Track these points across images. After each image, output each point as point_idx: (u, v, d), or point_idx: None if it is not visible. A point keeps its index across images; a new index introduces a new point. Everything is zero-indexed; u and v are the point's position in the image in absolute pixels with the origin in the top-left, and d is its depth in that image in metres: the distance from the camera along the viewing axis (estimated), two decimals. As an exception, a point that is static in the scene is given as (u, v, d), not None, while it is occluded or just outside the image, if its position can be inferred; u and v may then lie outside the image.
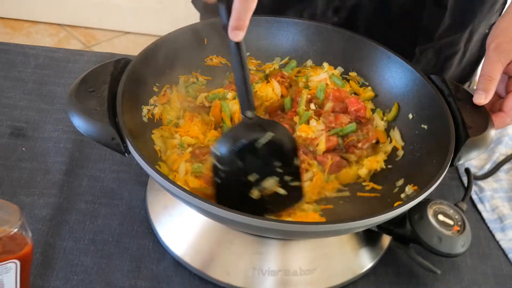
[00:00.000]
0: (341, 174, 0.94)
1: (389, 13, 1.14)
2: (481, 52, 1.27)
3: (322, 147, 0.94)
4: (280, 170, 0.85)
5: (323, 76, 1.03)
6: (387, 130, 1.00)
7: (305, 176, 0.90)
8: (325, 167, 0.93)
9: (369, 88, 1.03)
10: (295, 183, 0.86)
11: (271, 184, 0.84)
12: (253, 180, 0.84)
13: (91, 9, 2.84)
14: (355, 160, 0.96)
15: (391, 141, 0.98)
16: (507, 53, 0.92)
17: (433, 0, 1.13)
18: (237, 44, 0.81)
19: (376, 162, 0.95)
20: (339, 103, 1.00)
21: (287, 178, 0.85)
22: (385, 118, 1.00)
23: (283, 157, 0.85)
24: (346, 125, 0.97)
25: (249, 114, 0.84)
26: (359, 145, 0.96)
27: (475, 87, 0.95)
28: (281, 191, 0.85)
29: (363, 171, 0.94)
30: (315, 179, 0.91)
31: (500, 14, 1.23)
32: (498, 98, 0.96)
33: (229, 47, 0.82)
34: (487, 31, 1.23)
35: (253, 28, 1.03)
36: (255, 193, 0.84)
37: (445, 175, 0.82)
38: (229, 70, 1.04)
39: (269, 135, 0.84)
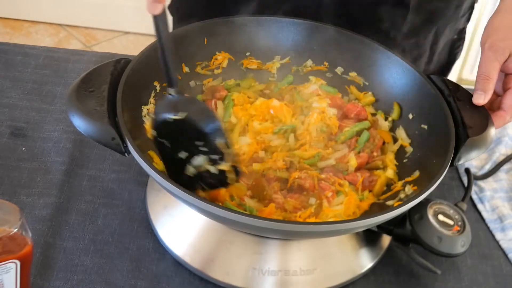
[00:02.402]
0: (376, 187, 0.92)
1: (351, 12, 1.11)
2: (450, 58, 1.27)
3: (353, 162, 0.93)
4: (204, 149, 0.83)
5: (313, 88, 1.04)
6: (392, 130, 0.99)
7: (336, 200, 0.89)
8: (357, 185, 0.91)
9: (370, 93, 1.03)
10: (221, 166, 0.84)
11: (200, 161, 0.84)
12: (184, 158, 0.84)
13: (91, 9, 2.84)
14: (381, 166, 0.94)
15: (395, 141, 0.98)
16: (502, 51, 0.92)
17: None
18: (156, 18, 0.78)
19: (390, 161, 0.95)
20: (339, 110, 1.01)
21: (214, 157, 0.84)
22: (390, 118, 1.00)
23: (203, 136, 0.83)
24: (359, 137, 0.97)
25: (170, 91, 0.84)
26: (374, 154, 0.95)
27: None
28: (212, 169, 0.84)
29: (390, 173, 0.93)
30: (347, 199, 0.88)
31: (467, 20, 1.23)
32: (496, 97, 0.96)
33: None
34: (455, 36, 1.23)
35: (253, 28, 1.04)
36: (190, 170, 0.84)
37: (445, 175, 0.82)
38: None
39: (182, 114, 0.82)
